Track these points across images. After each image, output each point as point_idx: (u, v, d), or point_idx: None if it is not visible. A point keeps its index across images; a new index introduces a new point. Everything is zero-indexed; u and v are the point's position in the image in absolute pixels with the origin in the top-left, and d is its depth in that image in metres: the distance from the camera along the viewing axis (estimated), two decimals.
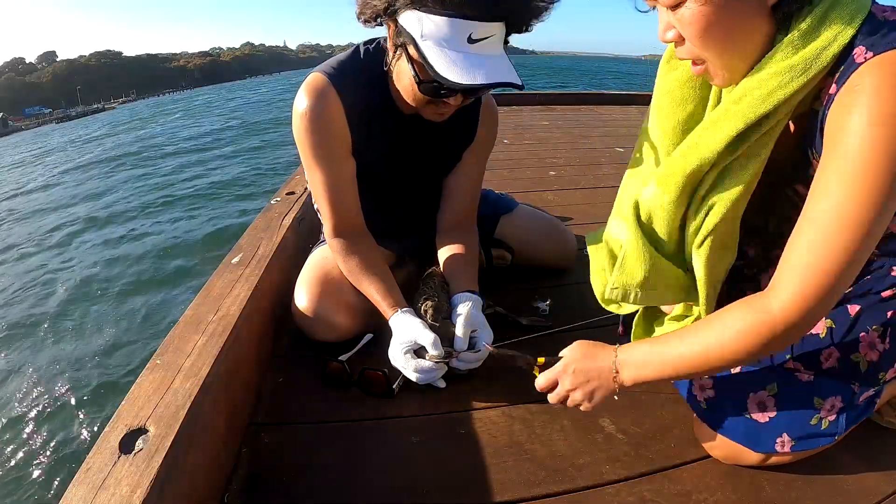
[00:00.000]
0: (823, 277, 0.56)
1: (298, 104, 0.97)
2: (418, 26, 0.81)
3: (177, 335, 0.84)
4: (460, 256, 1.11)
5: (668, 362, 0.67)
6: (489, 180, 2.17)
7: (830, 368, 0.70)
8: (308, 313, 1.04)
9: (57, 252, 6.59)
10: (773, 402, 0.71)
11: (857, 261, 0.56)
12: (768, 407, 0.71)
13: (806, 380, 0.70)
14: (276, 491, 0.76)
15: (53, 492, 2.56)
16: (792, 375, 0.71)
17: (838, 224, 0.55)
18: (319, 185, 1.02)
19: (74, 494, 0.55)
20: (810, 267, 0.57)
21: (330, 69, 0.98)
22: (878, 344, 0.68)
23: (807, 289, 0.57)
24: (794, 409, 0.70)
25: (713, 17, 0.59)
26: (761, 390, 0.71)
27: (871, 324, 0.69)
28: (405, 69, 0.89)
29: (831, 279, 0.56)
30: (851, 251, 0.55)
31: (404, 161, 1.10)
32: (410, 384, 0.94)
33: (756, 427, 0.71)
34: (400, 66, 0.91)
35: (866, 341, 0.69)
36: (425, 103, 0.93)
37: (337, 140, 1.00)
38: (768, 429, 0.71)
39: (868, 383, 0.70)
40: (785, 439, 0.70)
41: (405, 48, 0.86)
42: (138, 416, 0.65)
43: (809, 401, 0.70)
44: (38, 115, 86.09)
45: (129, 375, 3.42)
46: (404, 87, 0.93)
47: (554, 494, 0.73)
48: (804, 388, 0.70)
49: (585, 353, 0.75)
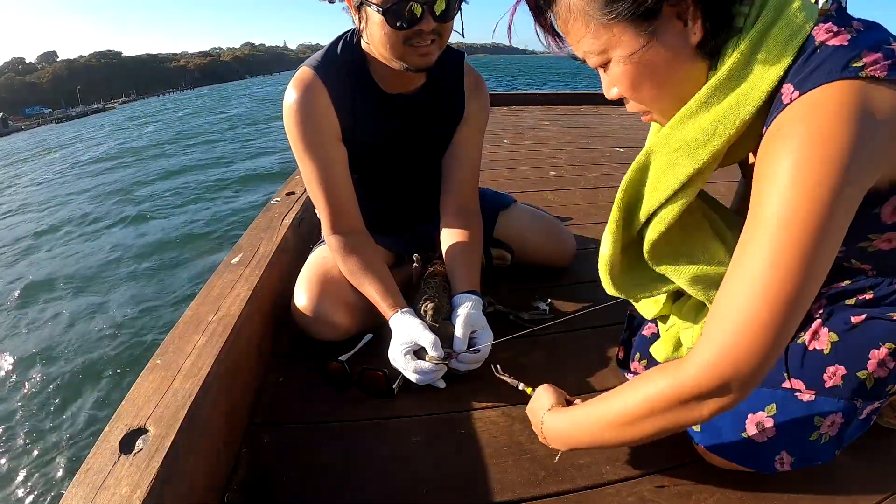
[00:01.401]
0: (739, 349, 0.51)
1: (287, 98, 1.01)
2: None
3: (177, 335, 0.84)
4: (462, 246, 1.11)
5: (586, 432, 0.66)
6: (489, 180, 2.18)
7: (834, 387, 0.66)
8: (308, 312, 1.04)
9: (56, 252, 6.59)
10: (772, 422, 0.68)
11: (780, 333, 0.50)
12: (766, 428, 0.68)
13: (807, 400, 0.67)
14: (276, 491, 0.76)
15: (53, 492, 2.56)
16: (791, 396, 0.68)
17: (758, 297, 0.50)
18: (313, 178, 1.03)
19: (74, 494, 0.55)
20: (726, 335, 0.51)
21: (315, 62, 1.02)
22: (888, 362, 0.65)
23: (720, 357, 0.52)
24: (793, 428, 0.68)
25: (638, 72, 0.59)
26: (759, 411, 0.69)
27: (883, 340, 0.64)
28: (373, 19, 0.92)
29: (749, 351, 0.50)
30: (771, 323, 0.49)
31: (395, 143, 1.11)
32: (410, 384, 0.94)
33: (754, 447, 0.69)
34: (370, 25, 0.94)
35: (876, 358, 0.65)
36: (402, 44, 0.93)
37: (326, 128, 1.02)
38: (767, 448, 0.69)
39: (874, 398, 0.67)
40: (784, 458, 0.68)
41: (367, 5, 0.90)
42: (138, 417, 0.65)
43: (809, 420, 0.67)
44: (37, 115, 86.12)
45: (129, 375, 3.41)
46: (380, 41, 0.94)
47: (554, 494, 0.73)
48: (804, 408, 0.67)
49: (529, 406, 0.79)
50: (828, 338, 0.68)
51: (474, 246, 1.13)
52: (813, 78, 0.52)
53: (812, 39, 0.54)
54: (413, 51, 0.95)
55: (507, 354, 1.01)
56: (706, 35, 0.56)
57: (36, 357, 3.93)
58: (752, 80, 0.56)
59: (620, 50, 0.58)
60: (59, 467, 2.73)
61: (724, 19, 0.57)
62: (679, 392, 0.55)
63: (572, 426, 0.69)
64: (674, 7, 0.55)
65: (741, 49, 0.56)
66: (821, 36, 0.54)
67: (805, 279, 0.49)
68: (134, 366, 3.53)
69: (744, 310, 0.50)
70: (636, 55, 0.57)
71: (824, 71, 0.51)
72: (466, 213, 1.16)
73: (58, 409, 3.26)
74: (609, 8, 0.56)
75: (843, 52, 0.52)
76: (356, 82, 1.04)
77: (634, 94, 0.61)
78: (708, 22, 0.56)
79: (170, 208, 7.97)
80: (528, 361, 1.02)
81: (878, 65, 0.50)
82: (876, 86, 0.50)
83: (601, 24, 0.57)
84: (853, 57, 0.51)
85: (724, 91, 0.58)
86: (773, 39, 0.55)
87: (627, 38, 0.57)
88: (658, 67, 0.58)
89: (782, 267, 0.49)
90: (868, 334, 0.66)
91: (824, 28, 0.54)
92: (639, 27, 0.56)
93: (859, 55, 0.51)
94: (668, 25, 0.56)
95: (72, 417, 3.16)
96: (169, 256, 5.79)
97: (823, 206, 0.48)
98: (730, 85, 0.57)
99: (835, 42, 0.53)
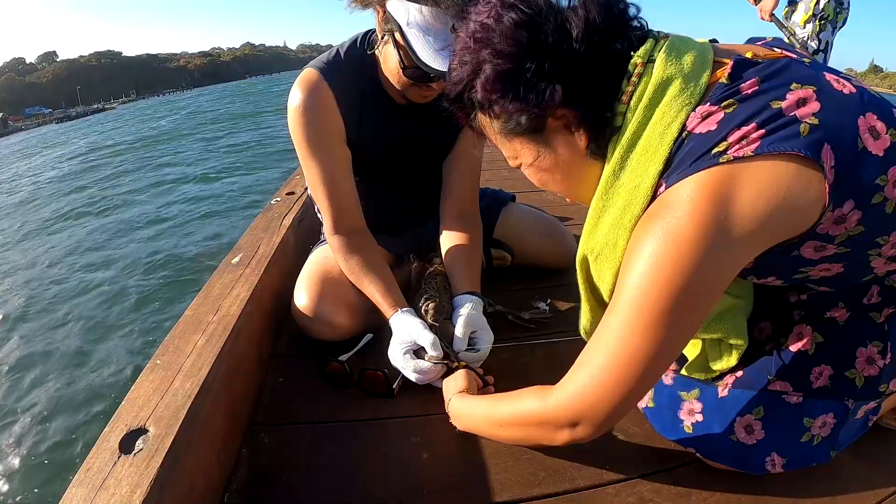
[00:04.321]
0: (593, 396, 0.58)
1: (291, 99, 1.01)
2: (405, 14, 0.86)
3: (177, 335, 0.84)
4: (463, 249, 1.12)
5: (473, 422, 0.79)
6: (489, 180, 2.18)
7: (821, 388, 0.66)
8: (308, 312, 1.04)
9: (56, 251, 6.59)
10: (760, 424, 0.68)
11: (628, 393, 0.57)
12: (755, 430, 0.69)
13: (795, 402, 0.67)
14: (276, 491, 0.76)
15: (53, 492, 2.56)
16: (779, 398, 0.68)
17: (610, 361, 0.56)
18: (316, 178, 1.03)
19: (74, 494, 0.55)
20: (584, 380, 0.59)
21: (321, 63, 1.02)
22: (878, 360, 0.65)
23: (577, 397, 0.60)
24: (781, 430, 0.68)
25: (542, 174, 0.66)
26: (748, 414, 0.69)
27: (870, 338, 0.65)
28: (391, 53, 0.93)
29: (600, 400, 0.58)
30: (620, 384, 0.56)
31: (399, 146, 1.11)
32: (410, 384, 0.94)
33: (744, 449, 0.69)
34: (387, 50, 0.95)
35: (864, 356, 0.65)
36: (410, 86, 0.97)
37: (330, 129, 1.02)
38: (757, 450, 0.69)
39: (866, 397, 0.67)
40: (775, 459, 0.68)
41: (392, 34, 0.90)
42: (138, 417, 0.65)
43: (798, 422, 0.67)
44: (38, 116, 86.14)
45: (129, 375, 3.41)
46: (390, 71, 0.97)
47: (554, 494, 0.73)
48: (792, 410, 0.67)
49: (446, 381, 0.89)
50: (812, 338, 0.67)
51: (475, 248, 1.14)
52: (677, 172, 0.54)
53: (684, 129, 0.56)
54: (416, 91, 0.98)
55: (507, 354, 1.02)
56: (590, 140, 0.61)
57: (35, 357, 3.93)
58: (635, 180, 0.58)
59: (523, 157, 0.66)
60: (59, 467, 2.72)
61: (602, 124, 0.60)
62: (541, 415, 0.65)
63: (467, 413, 0.80)
64: (558, 120, 0.60)
65: (618, 151, 0.59)
66: (692, 123, 0.55)
67: (652, 357, 0.55)
68: (134, 366, 3.53)
69: (599, 367, 0.58)
70: (536, 162, 0.65)
71: (686, 164, 0.53)
72: (467, 217, 1.16)
73: (58, 409, 3.26)
74: (504, 126, 0.63)
75: (706, 140, 0.53)
76: (363, 84, 1.03)
77: (546, 187, 0.69)
78: (589, 128, 0.60)
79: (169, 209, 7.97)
80: (527, 361, 1.02)
81: (745, 141, 0.51)
82: (744, 165, 0.51)
83: (503, 137, 0.65)
84: (717, 142, 0.52)
85: (613, 191, 0.61)
86: (647, 137, 0.57)
87: (526, 149, 0.64)
88: (557, 170, 0.65)
89: (631, 346, 0.55)
90: (853, 333, 0.66)
91: (699, 112, 0.55)
92: (531, 139, 0.63)
93: (725, 137, 0.52)
94: (557, 136, 0.62)
95: (72, 417, 3.16)
96: (169, 256, 5.79)
97: (670, 300, 0.52)
98: (616, 184, 0.60)
99: (701, 129, 0.54)
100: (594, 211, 0.63)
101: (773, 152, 0.50)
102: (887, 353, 0.64)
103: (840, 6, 2.71)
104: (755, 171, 0.50)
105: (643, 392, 0.59)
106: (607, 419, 0.60)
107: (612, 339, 0.56)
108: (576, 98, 0.58)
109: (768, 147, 0.50)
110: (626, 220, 0.59)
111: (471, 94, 0.62)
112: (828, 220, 0.53)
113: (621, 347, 0.55)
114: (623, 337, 0.55)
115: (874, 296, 0.65)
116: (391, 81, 0.99)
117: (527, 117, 0.59)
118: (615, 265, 0.62)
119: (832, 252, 0.56)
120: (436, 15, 0.84)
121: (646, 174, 0.57)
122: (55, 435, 3.02)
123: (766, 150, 0.50)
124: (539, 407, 0.65)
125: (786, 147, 0.50)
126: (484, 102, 0.61)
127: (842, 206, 0.52)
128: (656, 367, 0.57)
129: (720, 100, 0.55)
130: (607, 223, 0.61)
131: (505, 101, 0.59)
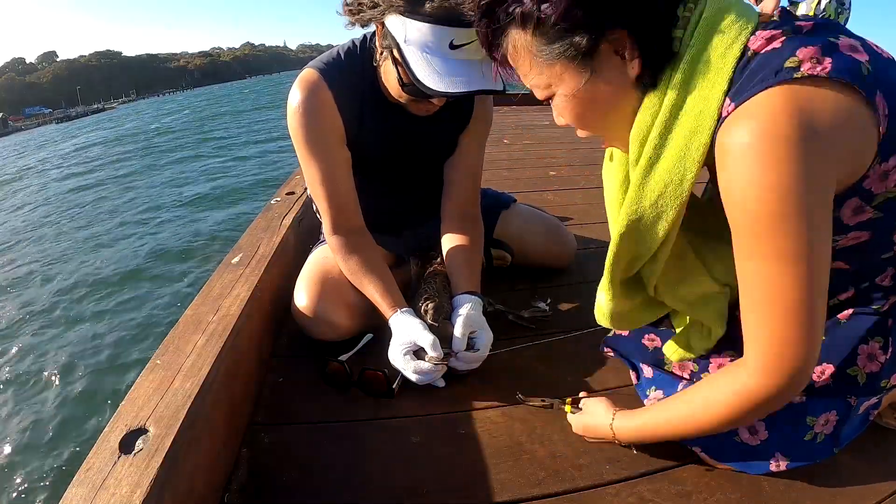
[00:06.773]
0: (782, 347, 0.54)
1: (291, 99, 1.00)
2: (402, 31, 0.84)
3: (177, 335, 0.84)
4: (463, 250, 1.11)
5: (660, 429, 0.69)
6: (489, 180, 2.18)
7: (824, 386, 0.66)
8: (308, 312, 1.04)
9: (55, 251, 6.59)
10: (763, 425, 0.69)
11: (809, 320, 0.53)
12: (759, 430, 0.69)
13: (797, 401, 0.67)
14: (276, 491, 0.76)
15: (53, 492, 2.56)
16: None
17: (776, 301, 0.53)
18: (315, 178, 1.03)
19: (74, 494, 0.55)
20: (765, 341, 0.55)
21: (321, 63, 1.02)
22: (879, 356, 0.65)
23: (770, 361, 0.55)
24: (785, 430, 0.68)
25: (581, 106, 0.60)
26: None
27: (871, 334, 0.65)
28: (391, 69, 0.92)
29: (791, 346, 0.54)
30: (799, 315, 0.52)
31: (399, 148, 1.11)
32: (410, 384, 0.94)
33: (748, 450, 0.69)
34: (386, 65, 0.95)
35: (865, 353, 0.65)
36: (410, 100, 0.96)
37: (330, 130, 1.02)
38: (761, 451, 0.69)
39: (868, 393, 0.67)
40: (780, 459, 0.68)
41: (391, 50, 0.89)
42: (138, 416, 0.65)
43: (802, 421, 0.67)
44: (38, 115, 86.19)
45: (129, 375, 3.41)
46: (391, 85, 0.97)
47: (554, 494, 0.73)
48: (795, 409, 0.67)
49: (584, 422, 0.79)
50: None
51: (475, 249, 1.14)
52: (744, 90, 0.52)
53: (747, 50, 0.54)
54: (416, 105, 0.98)
55: (507, 354, 1.01)
56: (644, 67, 0.57)
57: (35, 357, 3.93)
58: (700, 104, 0.55)
59: (563, 86, 0.60)
60: (59, 467, 2.73)
61: (661, 50, 0.57)
62: (748, 395, 0.58)
63: (642, 423, 0.71)
64: (611, 44, 0.56)
65: (678, 75, 0.56)
66: (755, 44, 0.54)
67: (815, 274, 0.51)
68: (134, 366, 3.53)
69: (785, 310, 0.53)
70: (578, 91, 0.59)
71: (757, 79, 0.51)
72: (467, 218, 1.16)
73: (58, 409, 3.26)
74: (549, 48, 0.57)
75: (775, 56, 0.51)
76: (364, 86, 1.03)
77: (580, 124, 0.63)
78: (645, 55, 0.56)
79: (170, 210, 7.97)
80: (527, 361, 1.02)
81: (816, 61, 0.49)
82: (818, 84, 0.49)
83: (543, 61, 0.59)
84: (787, 58, 0.50)
85: (674, 122, 0.57)
86: (708, 58, 0.55)
87: (569, 75, 0.58)
88: (600, 101, 0.60)
89: (788, 274, 0.51)
90: (855, 330, 0.65)
91: (760, 35, 0.54)
92: (579, 65, 0.57)
93: (794, 53, 0.50)
94: (607, 62, 0.57)
95: (72, 417, 3.16)
96: (170, 256, 5.79)
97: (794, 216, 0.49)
98: (679, 114, 0.57)
99: (767, 48, 0.53)
100: (647, 156, 0.59)
101: (844, 80, 0.48)
102: (888, 348, 0.65)
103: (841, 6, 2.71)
104: (828, 93, 0.49)
105: (823, 319, 0.55)
106: (812, 358, 0.55)
107: (766, 285, 0.53)
108: (636, 17, 0.54)
109: (839, 74, 0.49)
110: (695, 147, 0.56)
111: (512, 7, 0.57)
112: (874, 174, 0.52)
113: (779, 286, 0.52)
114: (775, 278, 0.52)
115: (887, 279, 0.64)
116: (392, 94, 0.99)
117: (585, 37, 0.55)
118: (678, 203, 0.59)
119: (867, 217, 0.56)
120: (434, 31, 0.82)
121: (710, 96, 0.54)
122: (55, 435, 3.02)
123: (836, 75, 0.49)
124: (739, 388, 0.58)
125: (854, 80, 0.49)
126: (542, 15, 0.55)
127: (888, 161, 0.52)
128: (821, 286, 0.53)
129: (779, 27, 0.53)
130: (670, 159, 0.58)
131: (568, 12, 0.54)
